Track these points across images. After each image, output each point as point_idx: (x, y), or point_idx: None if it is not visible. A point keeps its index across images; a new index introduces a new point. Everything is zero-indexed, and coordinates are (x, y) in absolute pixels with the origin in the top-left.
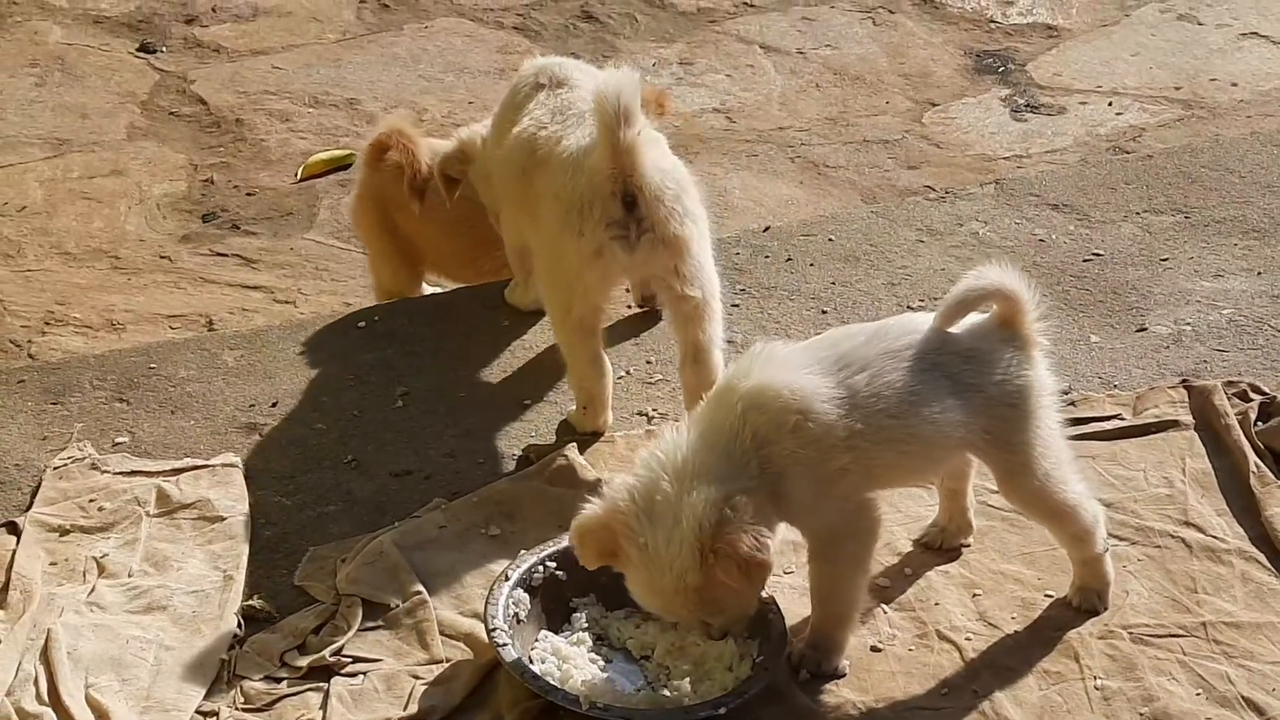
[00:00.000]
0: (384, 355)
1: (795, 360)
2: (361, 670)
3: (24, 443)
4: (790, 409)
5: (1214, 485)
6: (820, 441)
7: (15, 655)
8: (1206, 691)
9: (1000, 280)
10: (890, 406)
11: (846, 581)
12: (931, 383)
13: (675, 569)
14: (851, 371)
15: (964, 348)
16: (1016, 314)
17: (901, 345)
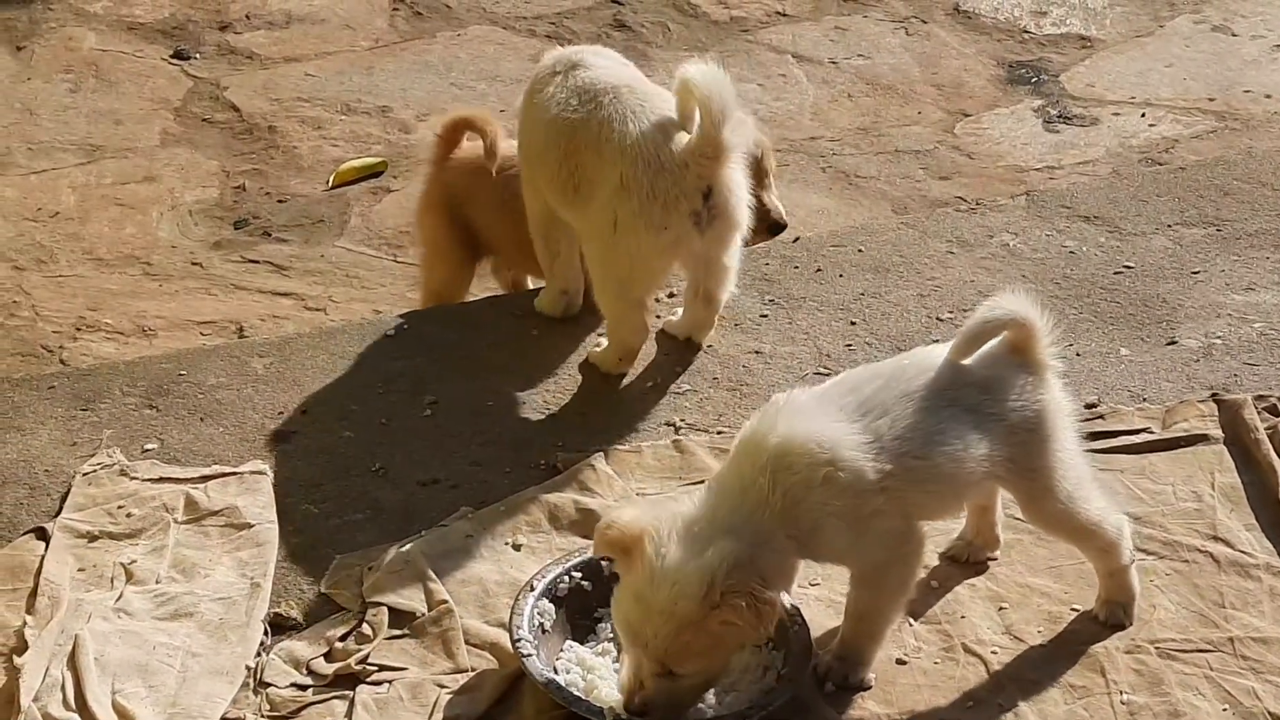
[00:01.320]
0: (412, 363)
1: (819, 409)
2: (387, 679)
3: (54, 448)
4: (819, 462)
5: (1243, 500)
6: (852, 488)
7: (43, 661)
8: (1233, 707)
9: (1015, 310)
10: (915, 448)
11: (888, 605)
12: (952, 419)
13: (675, 590)
14: (874, 416)
15: (980, 378)
16: (1029, 339)
17: (919, 385)
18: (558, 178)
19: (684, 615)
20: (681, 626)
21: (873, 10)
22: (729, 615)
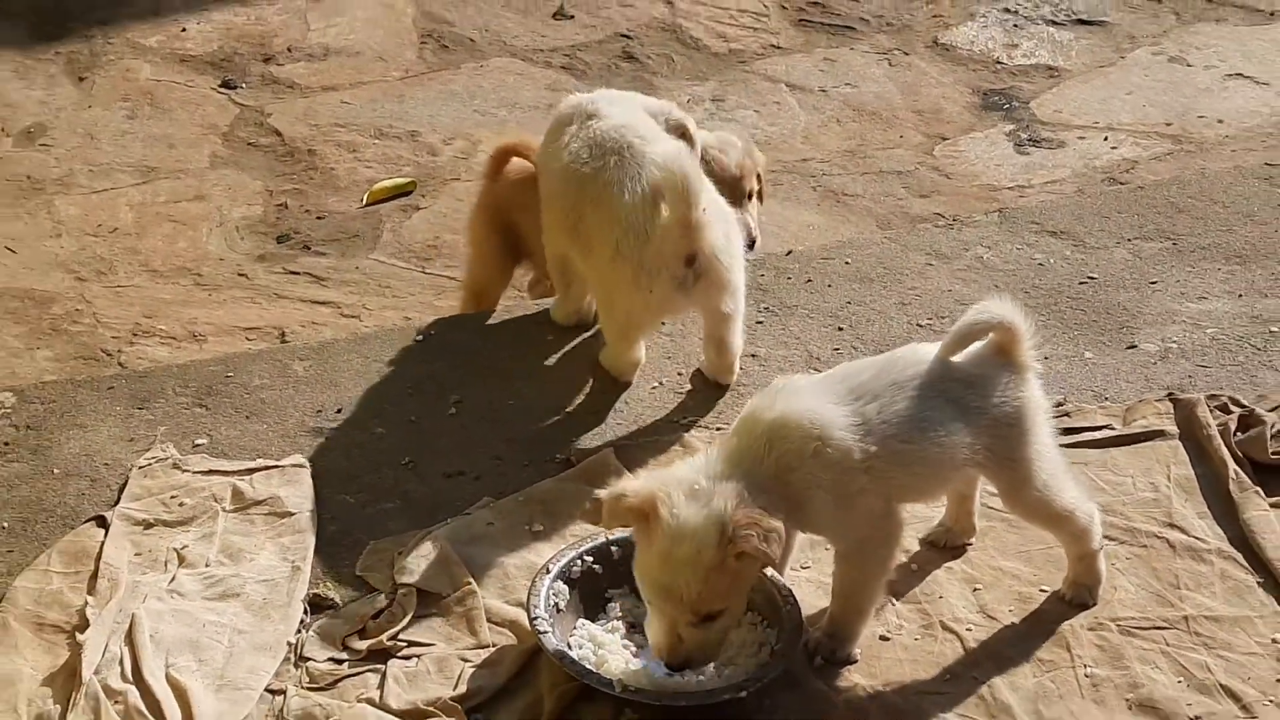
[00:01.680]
0: (439, 367)
1: (813, 392)
2: (416, 654)
3: (112, 444)
4: (811, 436)
5: (1196, 490)
6: (839, 465)
7: (103, 638)
8: (1187, 679)
9: (1002, 313)
10: (901, 432)
11: (870, 582)
12: (938, 409)
13: (696, 541)
14: (864, 402)
15: (965, 374)
16: (1013, 342)
17: (909, 375)
18: (565, 222)
19: (708, 562)
20: (708, 572)
21: (859, 43)
22: (743, 547)
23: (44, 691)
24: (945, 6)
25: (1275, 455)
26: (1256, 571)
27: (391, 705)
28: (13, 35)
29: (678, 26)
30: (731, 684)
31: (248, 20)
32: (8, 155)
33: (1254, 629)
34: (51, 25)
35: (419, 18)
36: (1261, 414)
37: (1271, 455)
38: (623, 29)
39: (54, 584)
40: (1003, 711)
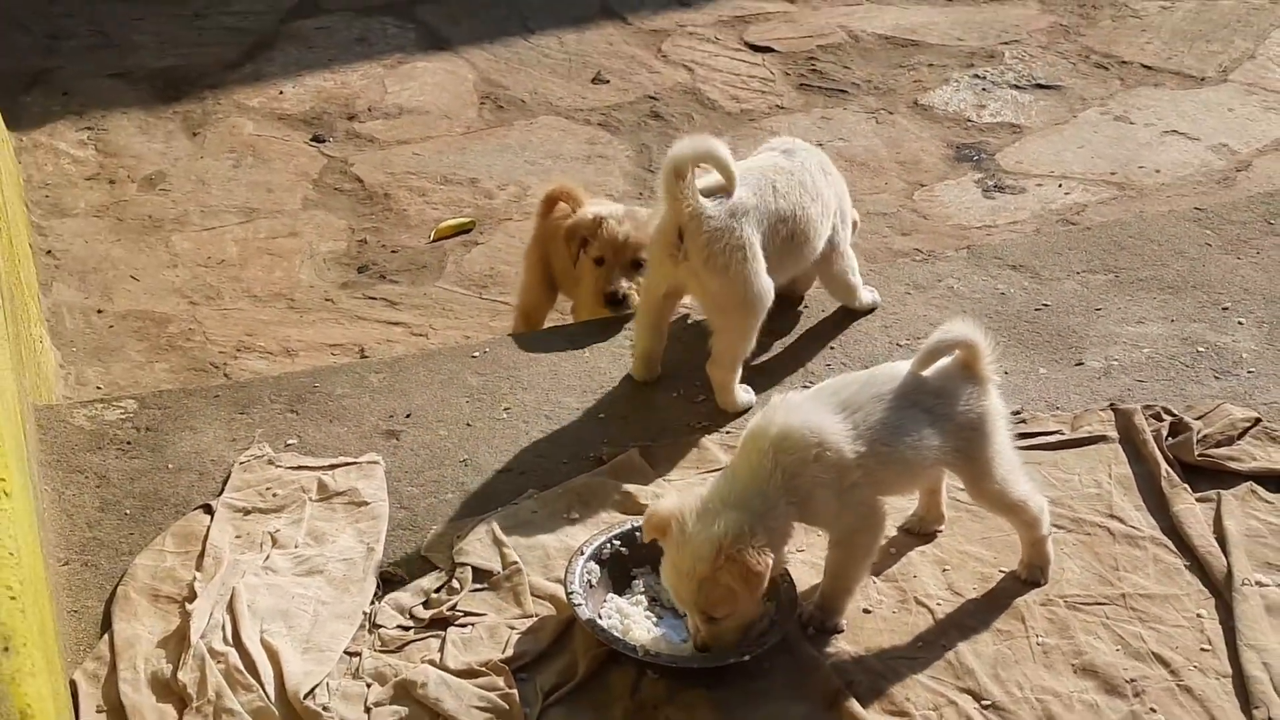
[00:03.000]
0: (492, 378)
1: (809, 406)
2: (470, 622)
3: (217, 444)
4: (811, 444)
5: (1133, 487)
6: (836, 465)
7: (208, 607)
8: (1124, 648)
9: (964, 333)
10: (883, 437)
11: (857, 564)
12: (912, 417)
13: (693, 554)
14: (851, 412)
15: (935, 386)
16: (975, 358)
17: (888, 389)
18: None
19: (700, 575)
20: (701, 584)
21: (850, 104)
22: (727, 576)
23: (158, 652)
24: (924, 73)
25: (1201, 457)
26: (1184, 556)
27: (450, 665)
28: (138, 97)
29: (697, 90)
30: (736, 650)
31: (335, 85)
32: (133, 199)
33: (1181, 605)
34: (171, 89)
35: (479, 82)
36: (1189, 421)
37: (1198, 457)
38: (651, 92)
39: (168, 562)
40: (967, 674)
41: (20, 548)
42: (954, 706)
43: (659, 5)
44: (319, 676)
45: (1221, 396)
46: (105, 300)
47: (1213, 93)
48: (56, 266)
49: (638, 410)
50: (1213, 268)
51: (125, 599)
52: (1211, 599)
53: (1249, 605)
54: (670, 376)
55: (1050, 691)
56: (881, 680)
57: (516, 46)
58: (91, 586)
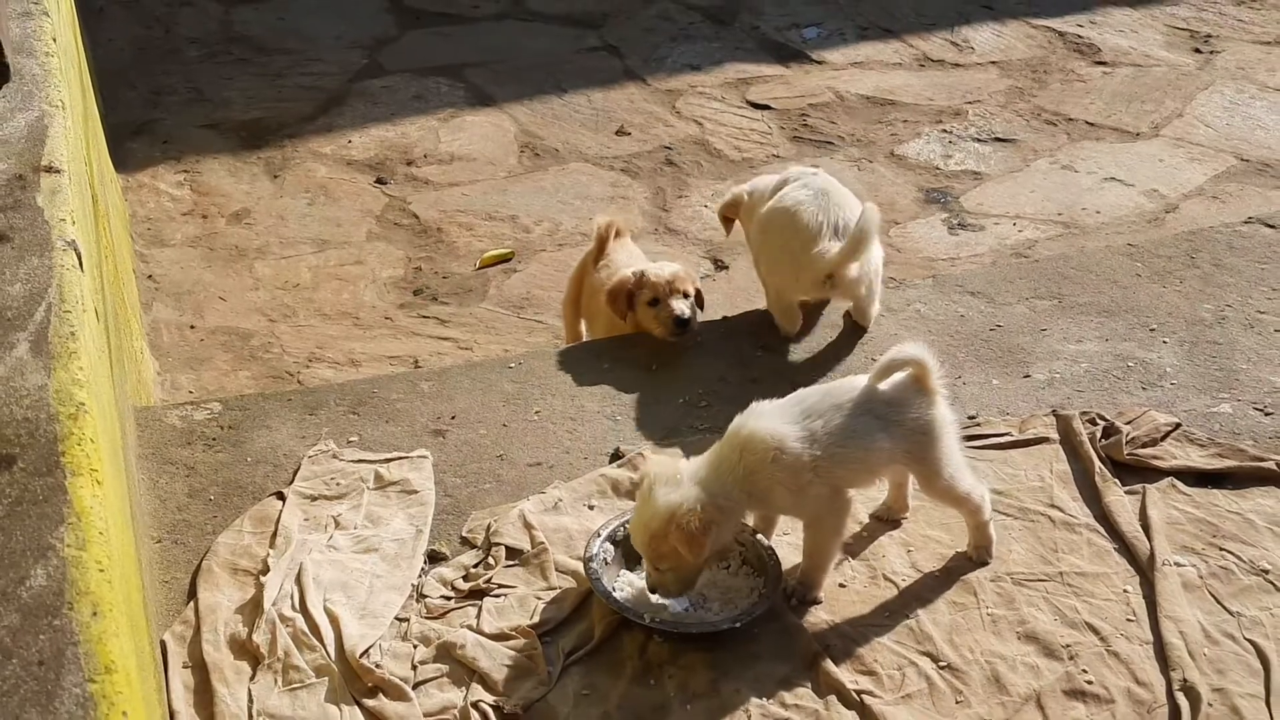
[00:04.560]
0: (525, 386)
1: (774, 414)
2: (503, 593)
3: (289, 440)
4: (770, 447)
5: (1071, 481)
6: (792, 467)
7: (279, 579)
8: (1061, 618)
9: (915, 352)
10: (838, 441)
11: (828, 543)
12: (866, 423)
13: (649, 513)
14: (812, 419)
15: (888, 397)
16: (925, 374)
17: (846, 399)
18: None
19: (654, 531)
20: (652, 538)
21: (836, 154)
22: (674, 538)
23: (236, 617)
24: (899, 128)
25: (1129, 456)
26: (1113, 540)
27: (485, 630)
28: (227, 145)
29: (706, 141)
30: (729, 617)
31: (396, 135)
32: (222, 231)
33: (1111, 582)
34: (255, 138)
35: (519, 134)
36: (1119, 425)
37: (1127, 456)
38: (666, 142)
39: (245, 540)
40: (926, 640)
41: (109, 528)
42: (915, 667)
43: (674, 69)
44: (373, 639)
45: (1148, 404)
46: (197, 318)
47: (1146, 146)
48: (156, 289)
49: (649, 414)
50: (1142, 295)
51: (208, 572)
52: (1136, 577)
53: (1168, 583)
54: (677, 384)
55: (998, 655)
56: (853, 644)
57: (552, 104)
58: (180, 562)
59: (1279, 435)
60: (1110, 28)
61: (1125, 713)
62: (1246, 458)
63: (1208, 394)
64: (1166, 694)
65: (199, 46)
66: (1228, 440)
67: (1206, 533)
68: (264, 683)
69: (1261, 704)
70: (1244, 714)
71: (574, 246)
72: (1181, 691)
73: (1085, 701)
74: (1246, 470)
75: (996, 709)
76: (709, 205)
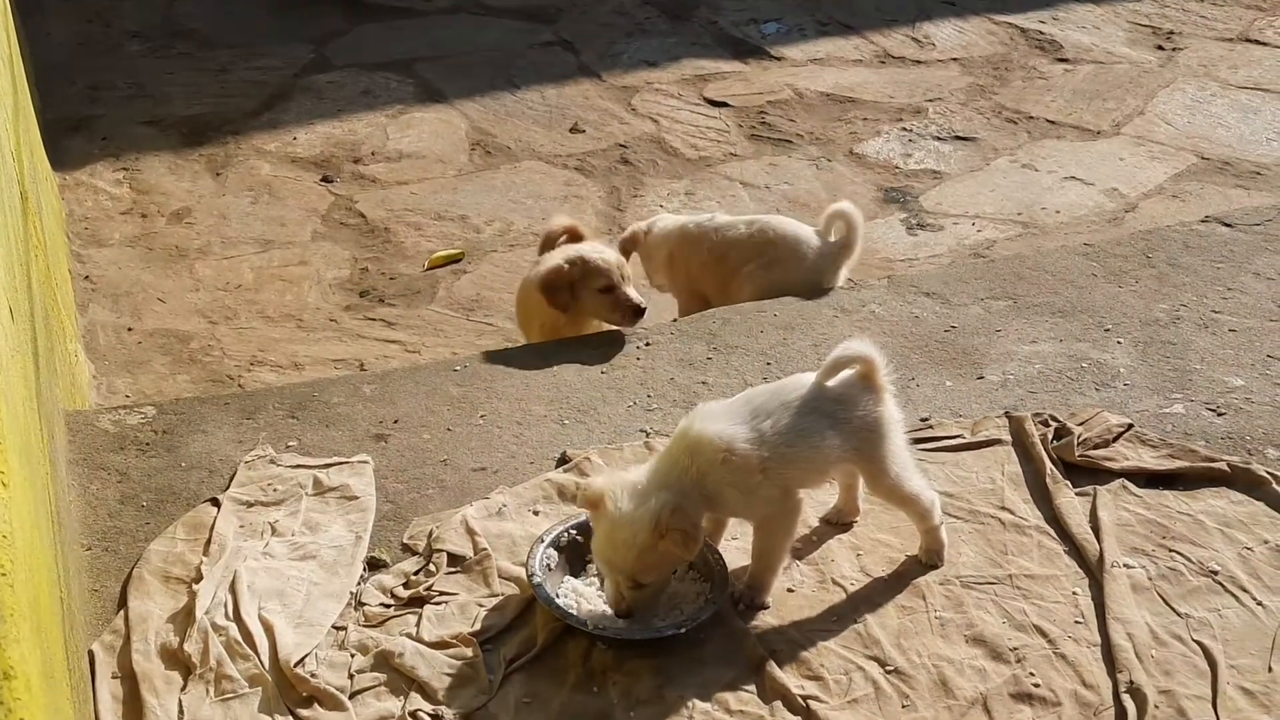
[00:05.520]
0: (470, 389)
1: (723, 415)
2: (444, 600)
3: (226, 445)
4: (719, 449)
5: (1022, 483)
6: (741, 469)
7: (212, 587)
8: (1009, 621)
9: (862, 349)
10: (787, 440)
11: (776, 546)
12: (815, 422)
13: (633, 528)
14: (760, 419)
15: (836, 395)
16: (872, 371)
17: (794, 398)
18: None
19: (641, 544)
20: (641, 552)
21: (795, 152)
22: (670, 544)
23: (167, 626)
24: (859, 126)
25: (1081, 457)
26: (1063, 542)
27: (425, 638)
28: (168, 142)
29: (662, 139)
30: (674, 623)
31: (343, 132)
32: (161, 230)
33: (1060, 585)
34: (197, 135)
35: (470, 131)
36: (1071, 427)
37: (1078, 457)
38: (621, 140)
39: (178, 547)
40: (874, 644)
41: (14, 532)
42: (862, 671)
43: (629, 65)
44: (309, 647)
45: (1101, 405)
46: (135, 319)
47: (1107, 144)
48: (93, 290)
49: (597, 418)
50: (1097, 295)
51: (140, 580)
52: (1086, 579)
53: (1117, 584)
54: (625, 389)
55: (945, 658)
56: (800, 649)
57: (504, 100)
58: (111, 570)
59: (1231, 436)
60: (1073, 24)
61: (1072, 715)
62: (1198, 458)
63: (1161, 394)
64: (1113, 696)
65: (141, 40)
66: (1180, 441)
67: (1156, 534)
68: (195, 693)
69: (1208, 705)
70: (1190, 716)
71: (525, 247)
72: (1128, 693)
73: (1032, 704)
74: (1198, 471)
75: (943, 713)
76: (664, 205)
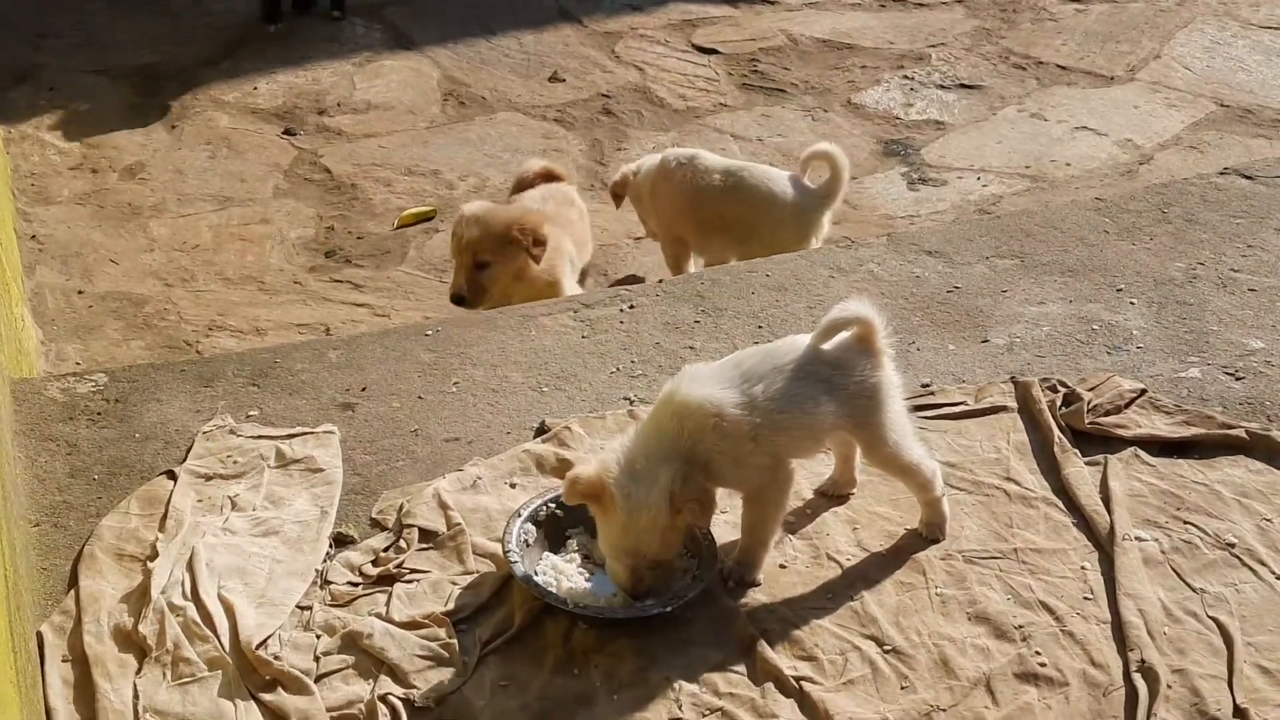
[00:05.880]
0: (443, 355)
1: (712, 378)
2: (416, 578)
3: (183, 414)
4: (709, 414)
5: (1029, 452)
6: (732, 435)
7: (169, 565)
8: (1014, 597)
9: (859, 310)
10: (780, 406)
11: (768, 519)
12: (809, 387)
13: (652, 511)
14: (752, 384)
15: (832, 359)
16: (870, 333)
17: (787, 361)
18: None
19: (663, 525)
20: (664, 533)
21: (789, 103)
22: (689, 516)
23: (121, 607)
24: (857, 74)
25: (1091, 425)
26: (1071, 514)
27: (395, 618)
28: (120, 93)
29: (647, 89)
30: (660, 601)
31: (306, 81)
32: (113, 187)
33: (1068, 559)
34: (149, 84)
35: (442, 80)
36: (1081, 392)
37: (1087, 424)
38: (604, 90)
39: (132, 523)
40: (871, 622)
41: None
42: (858, 651)
43: (612, 9)
44: (271, 628)
45: (1112, 369)
46: (86, 282)
47: (1121, 91)
48: (41, 250)
49: (578, 385)
50: (1109, 252)
51: (91, 558)
52: (1095, 553)
53: (1128, 558)
54: (608, 353)
55: (946, 637)
56: (793, 628)
57: (478, 47)
58: (60, 546)
59: (1250, 401)
60: None
61: (1079, 695)
62: (1215, 425)
63: (1176, 357)
64: (1124, 675)
65: None
66: (1195, 407)
67: (1170, 505)
68: (151, 677)
69: (1224, 685)
70: (1205, 696)
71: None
72: (1139, 673)
73: (1038, 684)
74: (1214, 439)
75: (944, 694)
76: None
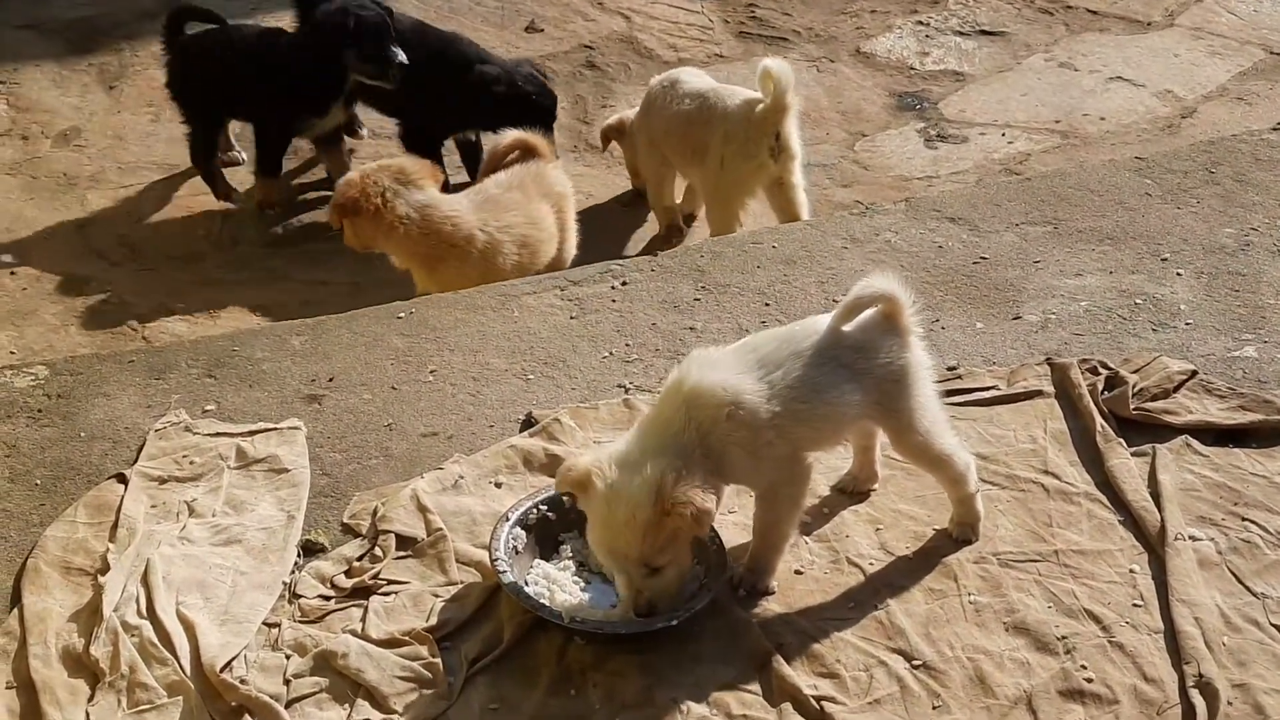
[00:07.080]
0: (418, 340)
1: (725, 363)
2: (394, 590)
3: (132, 410)
4: (724, 403)
5: (1068, 442)
6: (749, 425)
7: (121, 579)
8: (1056, 605)
9: (884, 286)
10: (800, 395)
11: (783, 519)
12: (831, 373)
13: (630, 503)
14: (769, 370)
15: (855, 341)
16: (897, 311)
17: (806, 346)
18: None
19: (644, 521)
20: (645, 529)
21: (791, 52)
22: (677, 521)
23: (70, 626)
24: (866, 20)
25: (1136, 411)
26: (1118, 511)
27: (372, 635)
28: (50, 49)
29: (634, 39)
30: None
31: None
32: (46, 155)
33: (1114, 561)
34: (84, 40)
35: None
36: (1125, 375)
37: (1133, 411)
38: (586, 41)
39: (80, 533)
40: (898, 634)
41: None
42: (884, 667)
43: None
44: (236, 648)
45: (1159, 349)
46: (18, 261)
47: (1159, 38)
48: None
49: (567, 372)
50: (1153, 218)
51: (35, 572)
52: (1145, 554)
53: (1182, 560)
54: (601, 337)
55: (981, 650)
56: (812, 641)
57: None
58: (0, 560)
59: None
60: None
61: (1131, 714)
62: (1274, 410)
63: (1229, 335)
64: (1179, 691)
65: None
66: (1252, 390)
67: (1227, 500)
68: (105, 704)
69: None
70: (1269, 713)
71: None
72: (1196, 688)
73: (1084, 703)
74: (1274, 425)
75: (980, 714)
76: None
